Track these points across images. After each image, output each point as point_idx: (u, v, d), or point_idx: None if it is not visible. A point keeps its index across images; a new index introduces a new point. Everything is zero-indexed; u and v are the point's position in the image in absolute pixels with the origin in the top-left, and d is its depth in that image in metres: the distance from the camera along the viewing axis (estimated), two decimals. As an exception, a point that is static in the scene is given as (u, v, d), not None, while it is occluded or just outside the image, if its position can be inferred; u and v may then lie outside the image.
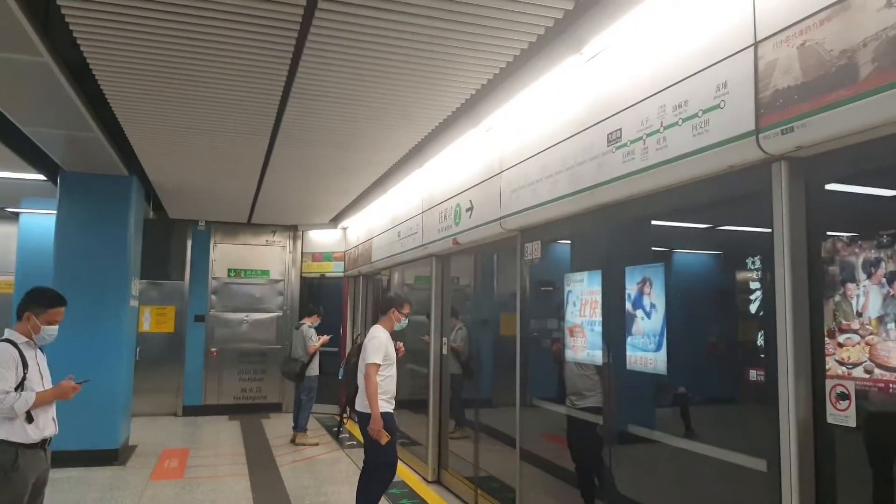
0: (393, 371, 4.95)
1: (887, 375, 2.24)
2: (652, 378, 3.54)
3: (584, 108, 3.87)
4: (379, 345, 4.86)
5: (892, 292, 2.26)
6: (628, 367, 3.63)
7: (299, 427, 8.64)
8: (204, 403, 10.91)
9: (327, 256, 11.51)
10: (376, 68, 4.07)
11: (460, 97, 4.60)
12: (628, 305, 3.66)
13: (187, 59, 3.98)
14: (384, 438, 4.69)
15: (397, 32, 3.56)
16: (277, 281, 11.54)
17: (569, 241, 4.77)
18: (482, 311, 6.76)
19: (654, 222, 3.86)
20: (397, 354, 5.10)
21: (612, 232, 3.93)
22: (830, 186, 2.57)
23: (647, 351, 3.50)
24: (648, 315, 3.51)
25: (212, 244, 11.28)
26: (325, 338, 8.77)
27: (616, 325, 3.77)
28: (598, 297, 3.96)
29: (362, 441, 5.06)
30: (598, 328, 3.94)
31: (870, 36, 2.14)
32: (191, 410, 10.78)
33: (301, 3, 3.25)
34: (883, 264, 2.29)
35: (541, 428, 5.03)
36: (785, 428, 2.53)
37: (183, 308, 11.06)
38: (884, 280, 2.28)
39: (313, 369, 8.66)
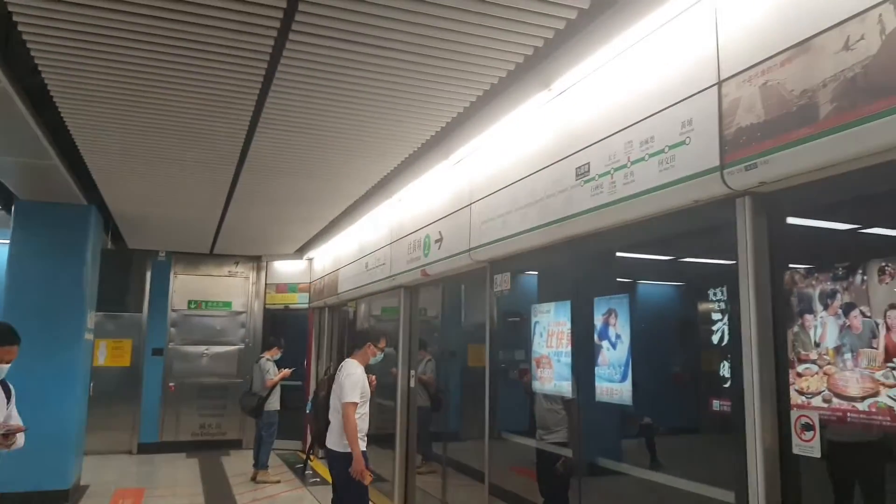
0: (367, 408, 4.81)
1: (844, 405, 2.29)
2: (618, 408, 3.55)
3: (553, 142, 3.93)
4: (357, 381, 4.70)
5: (847, 323, 2.31)
6: (595, 397, 3.64)
7: (260, 464, 8.39)
8: (161, 440, 10.52)
9: (292, 287, 11.35)
10: (347, 100, 4.07)
11: (431, 130, 4.62)
12: (595, 336, 3.69)
13: (153, 87, 3.91)
14: (368, 479, 4.56)
15: (369, 65, 3.57)
16: (240, 313, 11.33)
17: (536, 273, 4.80)
18: (450, 342, 6.71)
19: (620, 254, 3.92)
20: (370, 387, 5.01)
21: (579, 263, 3.97)
22: (791, 220, 2.64)
23: (612, 381, 3.52)
24: (614, 346, 3.54)
25: (172, 275, 11.03)
26: (286, 371, 8.55)
27: (583, 356, 3.78)
28: (565, 328, 3.98)
29: (331, 480, 4.92)
30: (565, 359, 3.95)
31: (829, 77, 2.23)
32: (147, 448, 10.39)
33: (272, 35, 3.25)
34: (839, 296, 2.35)
35: (510, 461, 4.98)
36: (752, 458, 2.55)
37: (140, 341, 10.72)
38: (840, 311, 2.34)
39: (273, 404, 8.44)
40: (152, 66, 3.62)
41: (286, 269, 11.45)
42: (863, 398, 2.24)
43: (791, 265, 2.56)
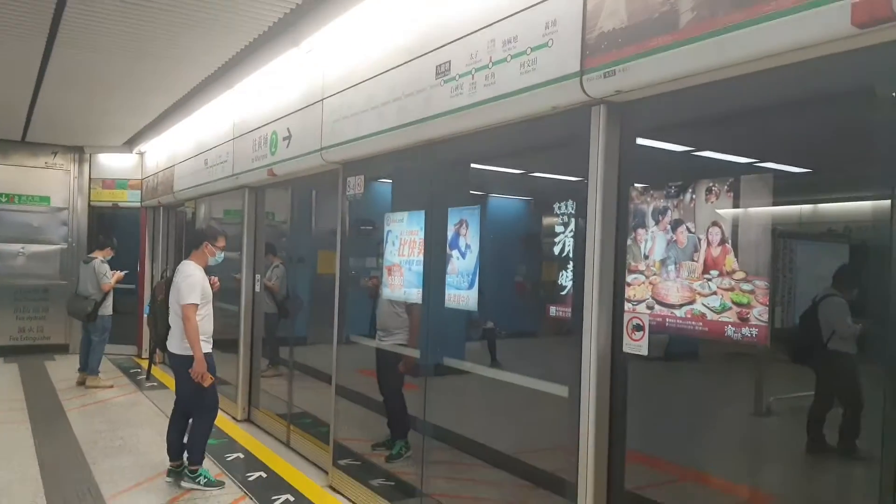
0: (210, 309, 4.68)
1: (665, 311, 2.51)
2: (464, 314, 3.68)
3: (414, 36, 3.72)
4: (195, 283, 4.52)
5: (674, 238, 2.48)
6: (445, 304, 3.70)
7: (91, 370, 7.94)
8: (-29, 345, 9.67)
9: (121, 184, 10.49)
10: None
11: (278, 10, 4.24)
12: (446, 246, 3.70)
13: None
14: (208, 381, 4.50)
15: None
16: (60, 209, 10.37)
17: (391, 180, 4.68)
18: (299, 248, 6.52)
19: (475, 165, 3.89)
20: (212, 289, 4.79)
21: (435, 173, 3.89)
22: (640, 134, 2.69)
23: (460, 289, 3.61)
24: (463, 255, 3.60)
25: (-24, 164, 9.82)
26: (120, 274, 8.02)
27: (433, 265, 3.79)
28: (417, 237, 3.96)
29: (174, 384, 4.78)
30: (416, 267, 3.95)
31: (692, -16, 2.21)
32: (-46, 353, 9.49)
33: None
34: (669, 213, 2.50)
35: (356, 364, 5.02)
36: (586, 357, 2.71)
37: (-62, 239, 9.54)
38: (669, 227, 2.50)
39: (107, 308, 7.94)
40: None
41: (114, 163, 10.53)
42: (681, 305, 2.45)
43: (636, 182, 2.64)
